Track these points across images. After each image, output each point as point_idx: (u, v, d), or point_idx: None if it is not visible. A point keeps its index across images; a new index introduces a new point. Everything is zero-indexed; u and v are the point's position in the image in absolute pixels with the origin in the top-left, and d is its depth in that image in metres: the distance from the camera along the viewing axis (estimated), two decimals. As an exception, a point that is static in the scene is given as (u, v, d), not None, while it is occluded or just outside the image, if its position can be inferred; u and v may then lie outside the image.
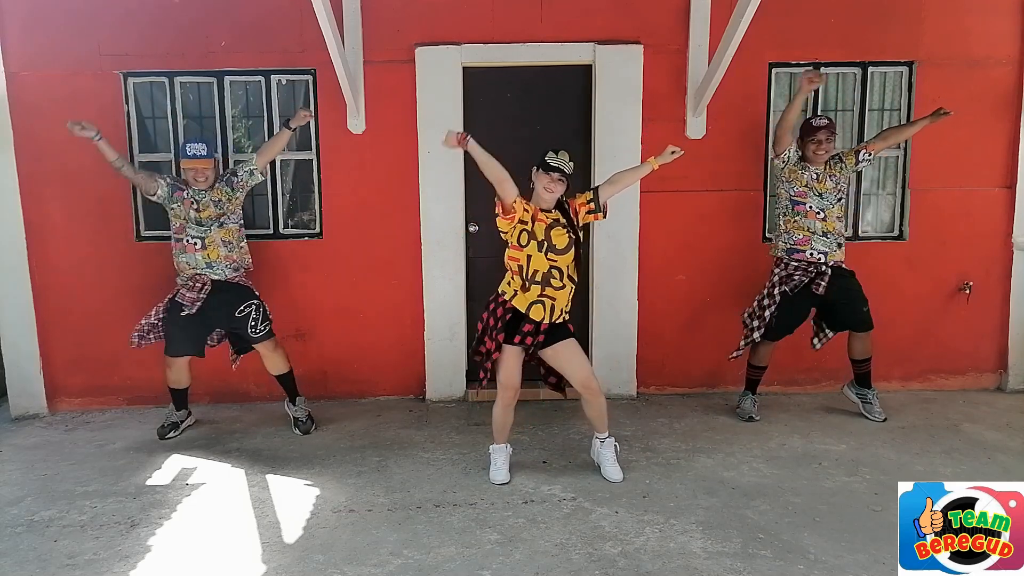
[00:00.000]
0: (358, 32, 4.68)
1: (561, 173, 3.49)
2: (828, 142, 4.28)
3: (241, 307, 4.25)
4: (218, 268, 4.23)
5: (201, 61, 4.73)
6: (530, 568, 2.94)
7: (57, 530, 3.32)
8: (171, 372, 4.37)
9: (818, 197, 4.32)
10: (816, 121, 4.33)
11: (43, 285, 4.83)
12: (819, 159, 4.31)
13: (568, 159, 3.51)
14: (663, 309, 4.97)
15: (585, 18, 4.72)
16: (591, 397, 3.67)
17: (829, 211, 4.32)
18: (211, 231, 4.20)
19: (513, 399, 3.69)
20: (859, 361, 4.54)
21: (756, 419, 4.53)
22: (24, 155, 4.71)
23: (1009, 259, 5.02)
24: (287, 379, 4.50)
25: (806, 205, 4.32)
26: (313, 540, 3.18)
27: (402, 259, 4.91)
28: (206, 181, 4.21)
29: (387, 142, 4.80)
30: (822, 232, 4.31)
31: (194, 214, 4.20)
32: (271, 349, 4.39)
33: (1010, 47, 4.86)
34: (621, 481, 3.68)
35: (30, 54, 4.67)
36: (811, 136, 4.29)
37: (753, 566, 2.94)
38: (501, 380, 3.65)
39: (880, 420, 4.46)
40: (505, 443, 3.79)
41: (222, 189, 4.25)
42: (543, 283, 3.54)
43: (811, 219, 4.32)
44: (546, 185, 3.50)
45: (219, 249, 4.22)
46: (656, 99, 4.78)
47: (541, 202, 3.57)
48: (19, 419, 4.85)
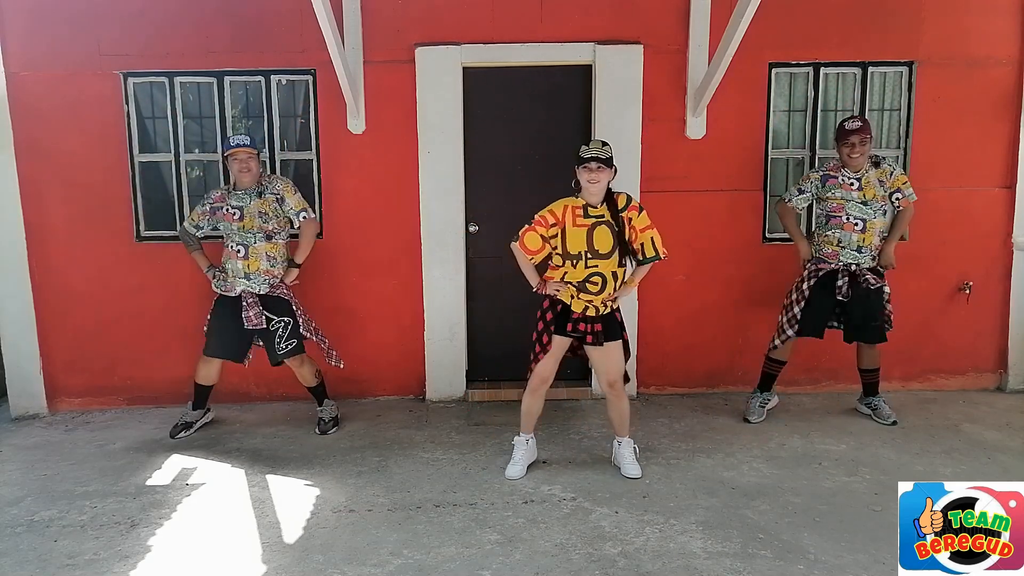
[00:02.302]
0: (358, 32, 4.68)
1: (598, 160, 3.46)
2: (863, 144, 4.18)
3: (274, 322, 4.27)
4: (255, 281, 4.24)
5: (201, 61, 4.73)
6: (530, 568, 2.94)
7: (57, 530, 3.32)
8: (203, 367, 4.40)
9: (861, 205, 4.22)
10: (850, 124, 4.21)
11: (43, 285, 4.83)
12: (854, 162, 4.23)
13: (601, 145, 3.51)
14: (663, 309, 4.97)
15: (585, 18, 4.72)
16: (615, 399, 3.73)
17: (871, 222, 4.22)
18: (258, 242, 4.21)
19: (540, 387, 3.72)
20: (867, 371, 4.52)
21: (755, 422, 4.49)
22: (24, 155, 4.71)
23: (1009, 259, 5.02)
24: (316, 391, 4.55)
25: (842, 218, 4.24)
26: (313, 540, 3.18)
27: (402, 259, 4.91)
28: (251, 174, 4.20)
29: (387, 142, 4.80)
30: (856, 246, 4.23)
31: (236, 225, 4.21)
32: (297, 365, 4.41)
33: (1010, 47, 4.86)
34: (640, 476, 3.71)
35: (30, 54, 4.67)
36: (844, 140, 4.21)
37: (753, 566, 2.94)
38: (534, 367, 3.69)
39: (890, 423, 4.43)
40: (529, 434, 3.82)
41: (271, 204, 4.25)
42: (579, 288, 3.58)
43: (847, 231, 4.23)
44: (588, 178, 3.49)
45: (261, 262, 4.22)
46: (656, 99, 4.78)
47: (589, 197, 3.55)
48: (19, 419, 4.85)
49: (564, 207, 3.57)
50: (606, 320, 3.65)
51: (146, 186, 4.88)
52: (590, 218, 3.54)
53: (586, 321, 3.62)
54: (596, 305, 3.60)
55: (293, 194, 4.34)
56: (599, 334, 3.63)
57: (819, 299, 4.32)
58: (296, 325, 4.33)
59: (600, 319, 3.63)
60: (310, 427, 4.54)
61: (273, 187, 4.29)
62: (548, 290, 3.63)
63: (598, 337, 3.63)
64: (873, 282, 4.25)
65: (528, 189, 4.61)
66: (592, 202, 3.55)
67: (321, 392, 4.56)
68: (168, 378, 4.92)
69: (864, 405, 4.61)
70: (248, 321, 4.20)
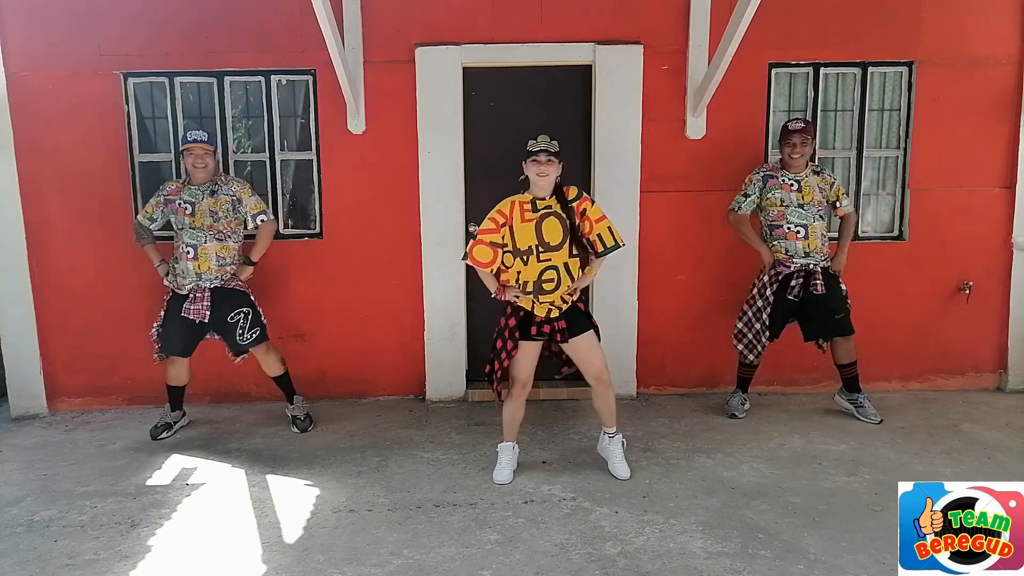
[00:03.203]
0: (358, 32, 4.68)
1: (547, 153, 3.47)
2: (803, 145, 4.25)
3: (232, 314, 4.24)
4: (206, 279, 4.22)
5: (201, 61, 4.73)
6: (530, 568, 2.94)
7: (57, 530, 3.32)
8: (172, 369, 4.39)
9: (799, 209, 4.28)
10: (792, 124, 4.29)
11: (43, 285, 4.83)
12: (796, 163, 4.29)
13: (549, 139, 3.50)
14: (663, 309, 4.97)
15: (585, 18, 4.72)
16: (602, 390, 3.71)
17: (812, 227, 4.28)
18: (207, 242, 4.19)
19: (521, 393, 3.70)
20: (843, 366, 4.50)
21: (739, 417, 4.53)
22: (24, 155, 4.72)
23: (1009, 259, 5.02)
24: (283, 380, 4.53)
25: (783, 227, 4.31)
26: (313, 540, 3.18)
27: (402, 259, 4.91)
28: (205, 170, 4.19)
29: (387, 142, 4.80)
30: (803, 253, 4.30)
31: (187, 220, 4.19)
32: (263, 353, 4.40)
33: (1010, 47, 4.86)
34: (628, 478, 3.70)
35: (30, 54, 4.67)
36: (786, 140, 4.28)
37: (753, 566, 2.94)
38: (512, 373, 3.68)
39: (876, 422, 4.43)
40: (513, 441, 3.80)
41: (224, 205, 4.23)
42: (535, 292, 3.55)
43: (791, 240, 4.30)
44: (538, 171, 3.49)
45: (211, 262, 4.20)
46: (656, 99, 4.78)
47: (537, 191, 3.55)
48: (19, 419, 4.85)
49: (511, 204, 3.57)
50: (570, 315, 3.63)
51: (146, 186, 4.87)
52: (538, 211, 3.54)
53: (549, 322, 3.60)
54: (557, 305, 3.59)
55: (250, 196, 4.32)
56: (564, 331, 3.61)
57: (778, 301, 4.36)
58: (256, 314, 4.32)
59: (563, 316, 3.61)
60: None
61: (229, 188, 4.27)
62: (507, 296, 3.60)
63: (564, 334, 3.61)
64: (820, 288, 4.27)
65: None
66: (540, 195, 3.56)
67: (288, 384, 4.54)
68: (168, 378, 4.93)
69: (847, 401, 4.57)
70: (187, 312, 4.17)
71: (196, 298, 4.19)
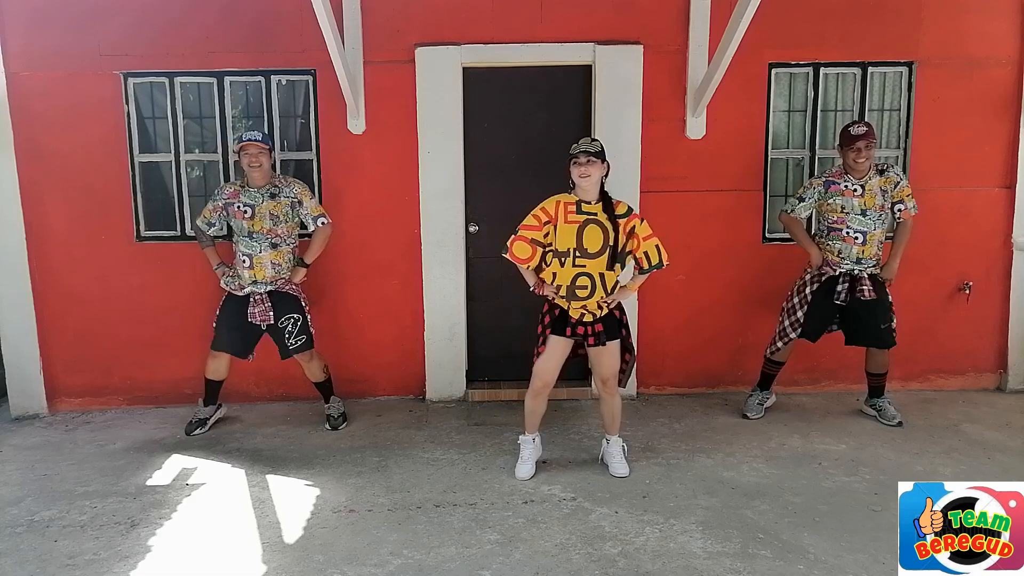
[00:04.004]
0: (358, 32, 4.68)
1: (587, 154, 3.48)
2: (868, 149, 4.14)
3: (283, 318, 4.30)
4: (262, 285, 4.27)
5: (201, 61, 4.73)
6: (530, 568, 2.94)
7: (57, 530, 3.32)
8: (212, 362, 4.42)
9: (860, 216, 4.20)
10: (855, 129, 4.16)
11: (43, 285, 4.83)
12: (860, 168, 4.18)
13: (591, 140, 3.54)
14: (663, 309, 4.97)
15: (585, 18, 4.72)
16: (607, 396, 3.74)
17: (871, 234, 4.20)
18: (262, 251, 4.21)
19: (542, 389, 3.72)
20: (875, 375, 4.50)
21: (754, 418, 4.51)
22: (24, 156, 4.71)
23: (1009, 259, 5.02)
24: (323, 386, 4.60)
25: (843, 231, 4.24)
26: (313, 540, 3.18)
27: (402, 259, 4.91)
28: (261, 170, 4.19)
29: (387, 142, 4.80)
30: (856, 258, 4.23)
31: (246, 225, 4.21)
32: (307, 360, 4.45)
33: (1010, 47, 4.86)
34: (628, 475, 3.72)
35: (30, 55, 4.67)
36: (850, 145, 4.16)
37: (753, 566, 2.94)
38: (537, 368, 3.69)
39: (894, 424, 4.40)
40: (534, 433, 3.82)
41: (284, 208, 4.25)
42: (569, 297, 3.56)
43: (847, 244, 4.23)
44: (579, 172, 3.49)
45: (266, 270, 4.24)
46: (656, 99, 4.78)
47: (582, 193, 3.55)
48: (19, 419, 4.85)
49: (557, 203, 3.57)
50: (606, 320, 3.65)
51: (146, 186, 4.88)
52: (582, 214, 3.53)
53: (585, 324, 3.62)
54: (591, 310, 3.59)
55: (311, 199, 4.36)
56: (601, 334, 3.62)
57: (821, 304, 4.32)
58: (305, 321, 4.37)
59: (600, 320, 3.63)
60: (310, 427, 4.54)
61: (290, 190, 4.29)
62: (545, 291, 3.63)
63: (600, 338, 3.62)
64: (867, 294, 4.22)
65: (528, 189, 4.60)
66: (585, 198, 3.55)
67: (328, 388, 4.61)
68: (168, 378, 4.93)
69: (869, 407, 4.59)
70: (253, 317, 4.25)
71: (256, 301, 4.25)
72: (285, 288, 4.32)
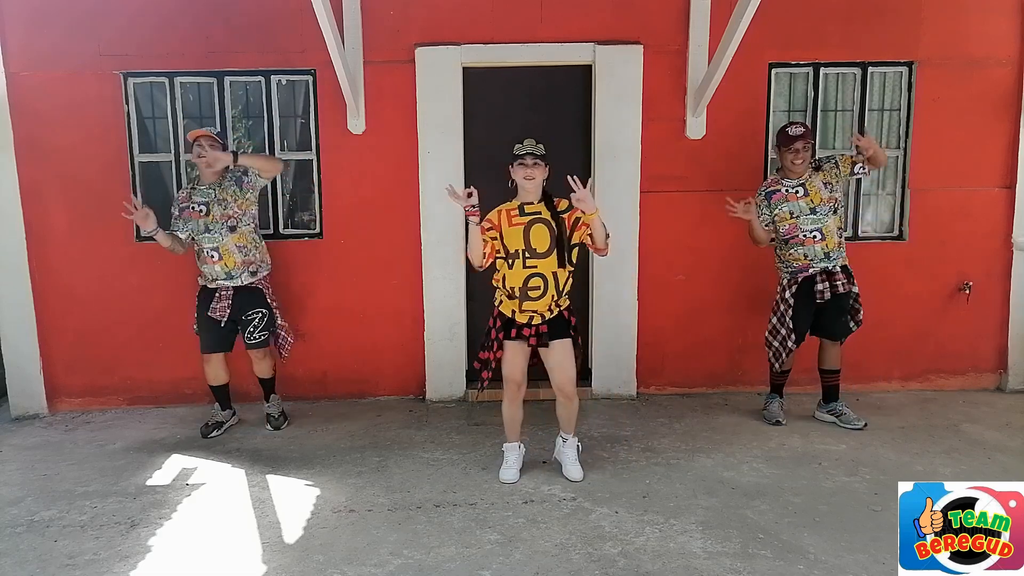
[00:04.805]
0: (358, 32, 4.68)
1: (534, 156, 3.46)
2: (805, 151, 4.17)
3: (250, 311, 4.30)
4: (237, 275, 4.26)
5: (201, 61, 4.73)
6: (530, 568, 2.94)
7: (57, 530, 3.32)
8: (206, 368, 4.43)
9: (811, 214, 4.20)
10: (792, 130, 4.19)
11: (43, 286, 4.83)
12: (797, 169, 4.20)
13: (535, 143, 3.49)
14: (663, 309, 4.97)
15: (585, 18, 4.72)
16: (563, 400, 3.70)
17: (827, 227, 4.20)
18: (224, 238, 4.21)
19: (516, 393, 3.70)
20: (829, 372, 4.45)
21: (783, 423, 4.44)
22: (24, 156, 4.71)
23: (1009, 259, 5.02)
24: (267, 383, 4.59)
25: (799, 236, 4.23)
26: (313, 540, 3.18)
27: (402, 259, 4.91)
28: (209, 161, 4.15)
29: (387, 142, 4.80)
30: (823, 255, 4.22)
31: (203, 223, 4.21)
32: (259, 357, 4.46)
33: (1010, 47, 4.86)
34: (581, 480, 3.69)
35: (30, 55, 4.67)
36: (788, 146, 4.18)
37: (753, 566, 2.94)
38: (504, 373, 3.68)
39: (860, 427, 4.35)
40: (517, 441, 3.80)
41: (229, 188, 4.24)
42: (521, 298, 3.54)
43: (808, 245, 4.22)
44: (524, 174, 3.48)
45: (234, 256, 4.24)
46: (656, 99, 4.78)
47: (524, 195, 3.55)
48: (19, 419, 4.85)
49: (498, 213, 3.57)
50: (552, 322, 3.61)
51: (146, 186, 4.88)
52: (526, 216, 3.52)
53: (530, 326, 3.60)
54: (541, 312, 3.57)
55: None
56: (544, 335, 3.59)
57: (801, 305, 4.30)
58: (272, 318, 4.37)
59: (546, 322, 3.60)
60: (310, 427, 4.55)
61: (234, 173, 4.25)
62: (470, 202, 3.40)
63: (542, 338, 3.59)
64: (842, 288, 4.23)
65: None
66: (527, 199, 3.55)
67: (271, 386, 4.60)
68: (168, 378, 4.93)
69: (826, 412, 4.50)
70: (214, 312, 4.25)
71: (220, 296, 4.26)
72: (255, 283, 4.32)
